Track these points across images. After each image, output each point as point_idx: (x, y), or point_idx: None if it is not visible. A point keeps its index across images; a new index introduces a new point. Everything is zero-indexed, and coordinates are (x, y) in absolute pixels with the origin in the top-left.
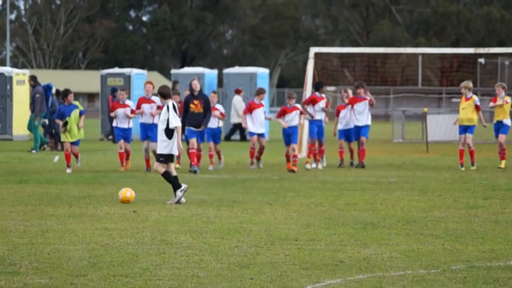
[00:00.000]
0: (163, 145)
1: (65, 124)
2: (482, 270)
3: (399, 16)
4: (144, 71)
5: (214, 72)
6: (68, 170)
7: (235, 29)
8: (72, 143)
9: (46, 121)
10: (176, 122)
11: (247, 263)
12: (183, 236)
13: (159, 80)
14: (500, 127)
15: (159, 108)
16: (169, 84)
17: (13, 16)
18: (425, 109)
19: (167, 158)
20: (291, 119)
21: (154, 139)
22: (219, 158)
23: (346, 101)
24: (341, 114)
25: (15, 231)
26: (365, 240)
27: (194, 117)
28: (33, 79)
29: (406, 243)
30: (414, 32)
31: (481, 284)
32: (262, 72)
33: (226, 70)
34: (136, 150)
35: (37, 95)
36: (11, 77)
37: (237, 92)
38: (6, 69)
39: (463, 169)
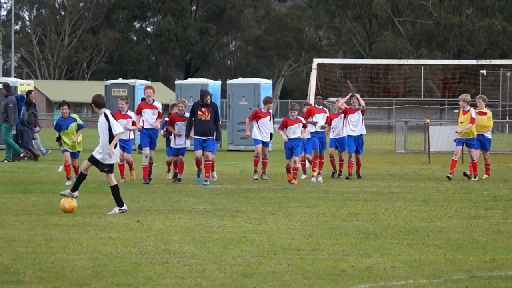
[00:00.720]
0: (108, 156)
1: (58, 139)
2: (483, 280)
3: (402, 28)
4: (148, 82)
5: (218, 83)
6: (68, 183)
7: (239, 40)
8: (72, 155)
9: (14, 131)
10: (118, 128)
11: (250, 272)
12: (186, 246)
13: (163, 90)
14: (482, 140)
15: (160, 115)
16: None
17: (17, 27)
18: (427, 120)
19: (110, 168)
20: (293, 132)
21: (153, 147)
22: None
23: (338, 110)
24: (333, 123)
25: (19, 240)
26: (367, 250)
27: (201, 125)
28: (6, 88)
29: (408, 253)
30: (417, 44)
31: None
32: (265, 83)
33: (230, 81)
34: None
35: (11, 105)
36: (16, 88)
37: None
38: (11, 80)
39: (475, 178)
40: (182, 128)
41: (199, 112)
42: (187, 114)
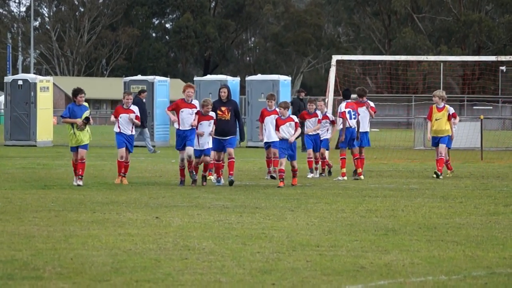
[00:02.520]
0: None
1: (87, 120)
2: (503, 277)
3: (421, 24)
4: (167, 79)
5: (237, 79)
6: (79, 182)
7: (258, 37)
8: (80, 146)
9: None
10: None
11: (269, 268)
12: (205, 242)
13: (182, 87)
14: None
15: (198, 114)
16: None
17: (37, 23)
18: None
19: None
20: (282, 131)
21: (191, 144)
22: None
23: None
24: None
25: (38, 236)
26: (386, 246)
27: (220, 125)
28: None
29: (427, 250)
30: (436, 40)
31: None
32: (284, 79)
33: (249, 78)
34: (155, 156)
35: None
36: (35, 84)
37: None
38: (30, 76)
39: (448, 174)
40: (206, 127)
41: (218, 112)
42: (212, 113)
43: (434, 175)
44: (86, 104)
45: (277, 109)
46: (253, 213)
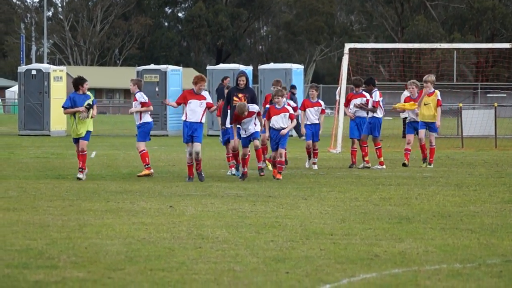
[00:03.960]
0: None
1: (89, 107)
2: None
3: (434, 12)
4: (180, 68)
5: (249, 68)
6: (79, 175)
7: (270, 26)
8: (81, 138)
9: None
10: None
11: (283, 257)
12: (219, 231)
13: (194, 75)
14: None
15: (209, 106)
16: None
17: (50, 13)
18: (460, 104)
19: None
20: (276, 122)
21: (198, 140)
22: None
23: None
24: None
25: (53, 225)
26: (400, 234)
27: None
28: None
29: (441, 238)
30: (449, 28)
31: None
32: (296, 68)
33: (261, 66)
34: (169, 145)
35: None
36: (48, 74)
37: (407, 88)
38: (44, 66)
39: (430, 165)
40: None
41: (234, 99)
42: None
43: (424, 165)
44: (89, 93)
45: (275, 98)
46: (267, 201)
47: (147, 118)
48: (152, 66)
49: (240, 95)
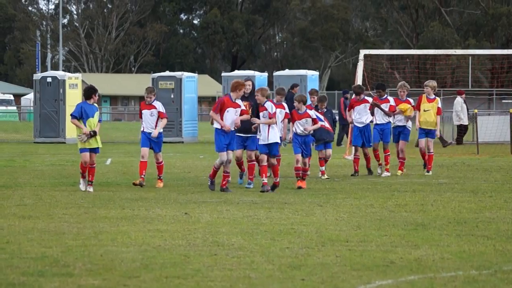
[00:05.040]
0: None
1: (94, 134)
2: None
3: (449, 18)
4: (195, 74)
5: (265, 75)
6: (82, 186)
7: (285, 32)
8: (92, 150)
9: None
10: None
11: (298, 264)
12: (234, 238)
13: (210, 83)
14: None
15: (244, 113)
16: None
17: (65, 21)
18: (476, 111)
19: None
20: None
21: (233, 147)
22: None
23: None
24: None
25: (68, 233)
26: (416, 241)
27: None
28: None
29: (457, 244)
30: (464, 34)
31: None
32: (312, 74)
33: (276, 73)
34: (184, 152)
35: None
36: (64, 81)
37: (459, 93)
38: (59, 73)
39: (428, 173)
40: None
41: None
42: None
43: (427, 173)
44: (96, 104)
45: (295, 103)
46: (282, 208)
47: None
48: (167, 73)
49: (244, 103)
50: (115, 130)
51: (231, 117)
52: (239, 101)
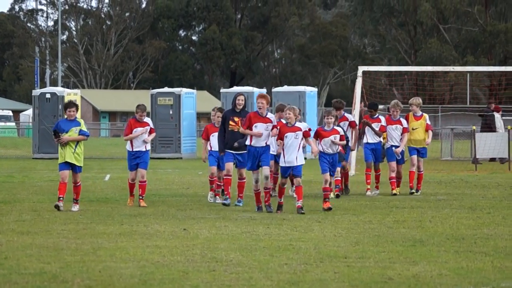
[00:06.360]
0: None
1: (56, 134)
2: None
3: (447, 35)
4: (194, 91)
5: (263, 91)
6: (74, 208)
7: (284, 49)
8: (73, 170)
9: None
10: None
11: (297, 280)
12: (232, 254)
13: (208, 99)
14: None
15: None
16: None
17: (64, 37)
18: (474, 127)
19: None
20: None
21: (266, 164)
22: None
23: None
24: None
25: (67, 249)
26: (414, 257)
27: (232, 137)
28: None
29: (455, 261)
30: (462, 51)
31: None
32: (310, 90)
33: (275, 89)
34: (182, 168)
35: None
36: (63, 97)
37: (497, 110)
38: (58, 89)
39: (417, 193)
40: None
41: (230, 123)
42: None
43: (415, 192)
44: (80, 120)
45: (327, 119)
46: (280, 224)
47: (148, 146)
48: (166, 89)
49: (236, 119)
50: (113, 146)
51: (262, 132)
52: (270, 116)
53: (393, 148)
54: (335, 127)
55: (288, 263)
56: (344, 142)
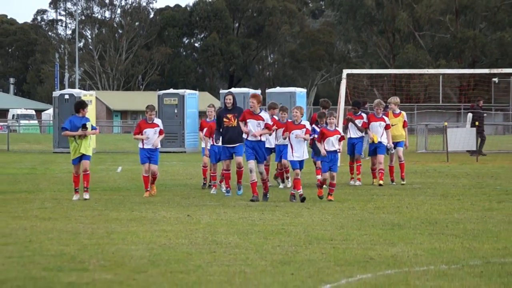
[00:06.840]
0: None
1: (84, 127)
2: (497, 266)
3: (422, 41)
4: (196, 92)
5: (258, 92)
6: (75, 197)
7: (276, 54)
8: (83, 157)
9: None
10: None
11: (288, 260)
12: (231, 237)
13: (209, 99)
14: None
15: (268, 127)
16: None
17: (81, 44)
18: (446, 123)
19: None
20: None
21: (262, 159)
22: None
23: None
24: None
25: (84, 233)
26: (392, 239)
27: (227, 132)
28: None
29: (429, 242)
30: (435, 55)
31: (496, 277)
32: (300, 91)
33: (269, 90)
34: (186, 161)
35: None
36: (79, 98)
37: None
38: (75, 91)
39: (394, 183)
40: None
41: (224, 120)
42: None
43: (402, 181)
44: (88, 117)
45: (330, 120)
46: (274, 210)
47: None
48: (171, 91)
49: (229, 116)
50: (125, 141)
51: (253, 128)
52: (263, 115)
53: (382, 143)
54: (337, 129)
55: (280, 245)
56: (309, 137)
